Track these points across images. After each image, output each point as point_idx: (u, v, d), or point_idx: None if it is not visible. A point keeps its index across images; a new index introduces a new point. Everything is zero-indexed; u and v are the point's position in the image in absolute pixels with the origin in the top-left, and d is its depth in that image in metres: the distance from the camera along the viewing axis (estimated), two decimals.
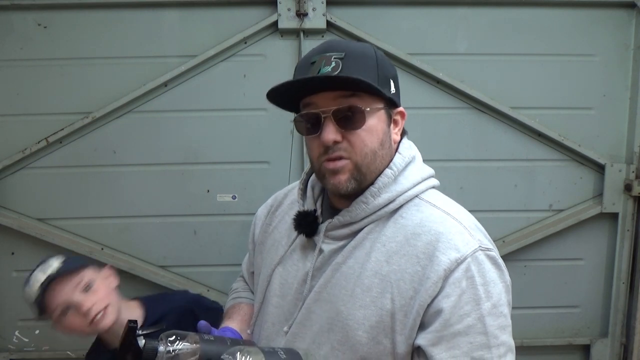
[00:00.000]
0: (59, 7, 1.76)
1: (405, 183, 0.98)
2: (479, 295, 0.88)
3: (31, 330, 1.90)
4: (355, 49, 0.93)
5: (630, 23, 1.85)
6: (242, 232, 1.88)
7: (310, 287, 1.01)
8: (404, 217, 0.97)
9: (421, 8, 1.83)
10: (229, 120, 1.84)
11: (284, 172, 1.84)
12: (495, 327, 0.89)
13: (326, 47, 0.94)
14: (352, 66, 0.90)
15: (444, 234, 0.92)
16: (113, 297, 1.34)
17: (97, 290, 1.31)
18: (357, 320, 0.94)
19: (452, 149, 1.88)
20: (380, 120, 0.95)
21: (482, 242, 0.93)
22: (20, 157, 1.80)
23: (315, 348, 0.98)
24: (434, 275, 0.89)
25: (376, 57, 0.94)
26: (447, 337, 0.88)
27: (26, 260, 1.86)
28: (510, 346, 0.91)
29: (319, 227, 1.02)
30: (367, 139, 0.92)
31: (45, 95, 1.80)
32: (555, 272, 1.96)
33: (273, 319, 1.07)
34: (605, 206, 1.91)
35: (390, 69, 0.99)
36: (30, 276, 1.29)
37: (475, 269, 0.89)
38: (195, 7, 1.79)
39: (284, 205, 1.19)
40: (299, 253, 1.06)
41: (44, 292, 1.26)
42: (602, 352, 1.99)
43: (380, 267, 0.94)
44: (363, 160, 0.93)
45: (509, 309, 0.93)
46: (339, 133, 0.91)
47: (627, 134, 1.91)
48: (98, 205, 1.85)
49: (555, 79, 1.87)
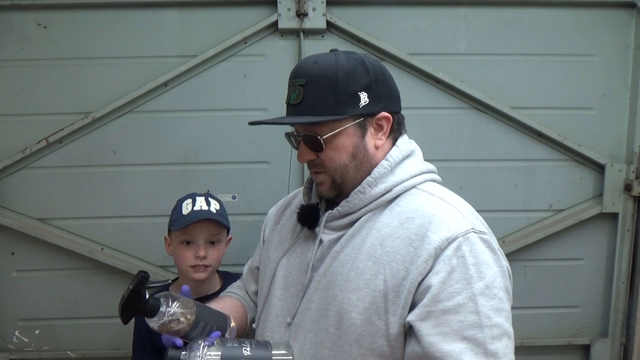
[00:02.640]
0: (59, 7, 1.76)
1: (402, 174, 1.02)
2: (470, 274, 0.89)
3: (31, 330, 1.91)
4: (315, 73, 0.99)
5: (630, 23, 1.85)
6: (242, 232, 1.88)
7: (311, 277, 1.04)
8: (400, 205, 1.00)
9: (421, 8, 1.83)
10: (229, 120, 1.84)
11: (284, 172, 1.85)
12: (488, 308, 0.89)
13: (295, 72, 1.03)
14: (310, 94, 0.98)
15: (437, 215, 0.95)
16: (218, 263, 1.57)
17: (219, 250, 1.55)
18: (351, 303, 0.96)
19: (452, 148, 1.88)
20: (348, 136, 1.00)
21: (476, 225, 0.95)
22: (20, 157, 1.79)
23: (312, 336, 1.01)
24: (425, 253, 0.91)
25: (335, 77, 0.97)
26: (435, 313, 0.89)
27: (26, 260, 1.87)
28: (506, 330, 0.90)
29: (320, 219, 1.07)
30: (334, 157, 1.01)
31: (45, 95, 1.80)
32: (555, 272, 1.96)
33: (277, 311, 1.10)
34: (605, 206, 1.91)
35: (362, 79, 0.99)
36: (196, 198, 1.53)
37: (467, 249, 0.91)
38: (195, 7, 1.79)
39: (293, 204, 1.24)
40: (302, 246, 1.11)
41: (192, 223, 1.46)
42: (602, 352, 1.99)
43: (374, 251, 0.97)
44: (335, 173, 1.03)
45: (506, 295, 0.93)
46: (312, 153, 1.03)
47: (627, 134, 1.90)
48: (98, 205, 1.85)
49: (555, 79, 1.87)
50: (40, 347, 1.91)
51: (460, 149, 1.88)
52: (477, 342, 0.87)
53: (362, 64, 1.00)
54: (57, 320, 1.90)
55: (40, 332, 1.91)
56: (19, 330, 1.90)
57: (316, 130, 0.99)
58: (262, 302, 1.16)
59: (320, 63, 1.00)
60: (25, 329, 1.91)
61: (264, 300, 1.15)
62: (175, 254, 1.55)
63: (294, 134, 1.06)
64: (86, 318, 1.90)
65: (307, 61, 1.02)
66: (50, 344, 1.92)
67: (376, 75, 1.01)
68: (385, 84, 1.03)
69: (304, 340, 1.02)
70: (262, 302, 1.16)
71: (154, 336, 1.46)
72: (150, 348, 1.52)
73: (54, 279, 1.88)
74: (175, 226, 1.49)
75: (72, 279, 1.87)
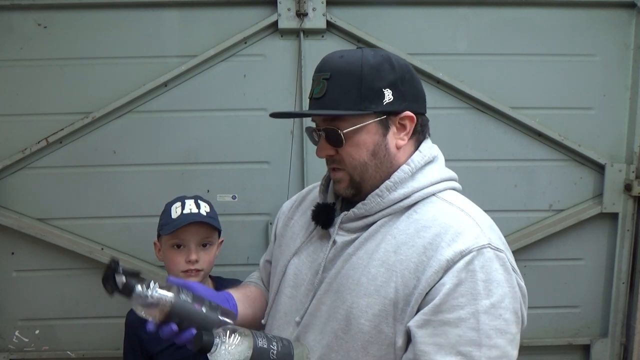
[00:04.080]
0: (59, 7, 1.76)
1: (422, 180, 1.00)
2: (478, 291, 0.87)
3: (31, 330, 1.91)
4: (341, 67, 0.97)
5: (630, 23, 1.85)
6: (242, 232, 1.88)
7: (322, 278, 1.03)
8: (418, 212, 0.98)
9: (421, 8, 1.82)
10: (229, 120, 1.84)
11: (284, 172, 1.85)
12: (490, 327, 0.86)
13: (321, 65, 1.01)
14: (333, 88, 0.96)
15: (454, 227, 0.92)
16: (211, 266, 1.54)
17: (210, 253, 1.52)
18: (360, 308, 0.95)
19: (451, 149, 1.85)
20: (370, 134, 0.98)
21: (492, 241, 0.92)
22: (20, 157, 1.79)
23: (320, 338, 1.00)
24: (437, 264, 0.89)
25: (361, 72, 0.95)
26: (434, 322, 0.87)
27: (26, 260, 1.87)
28: (507, 353, 0.88)
29: (335, 220, 1.05)
30: (354, 154, 0.99)
31: (45, 95, 1.80)
32: (555, 272, 1.96)
33: (285, 309, 1.09)
34: (605, 206, 1.91)
35: (388, 77, 0.97)
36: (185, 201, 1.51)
37: (479, 264, 0.88)
38: (195, 7, 1.79)
39: (307, 200, 1.22)
40: (315, 245, 1.09)
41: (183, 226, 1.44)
42: (602, 352, 1.99)
43: (387, 257, 0.95)
44: (354, 171, 1.00)
45: (513, 317, 0.90)
46: (331, 149, 1.00)
47: (627, 134, 1.90)
48: (98, 205, 1.85)
49: (555, 79, 1.87)
50: (40, 347, 1.91)
51: (460, 149, 1.88)
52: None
53: (388, 60, 0.98)
54: (57, 320, 1.90)
55: (40, 332, 1.91)
56: (19, 330, 1.90)
57: (337, 125, 0.97)
58: (272, 299, 1.15)
59: (346, 57, 0.98)
60: (25, 329, 1.91)
61: (274, 297, 1.14)
62: (165, 259, 1.52)
63: (315, 128, 1.04)
64: (86, 318, 1.90)
65: (333, 55, 1.00)
66: (50, 344, 1.92)
67: (402, 74, 0.99)
68: (412, 84, 1.01)
69: (314, 341, 1.01)
70: (272, 299, 1.15)
71: (145, 343, 1.47)
72: (140, 355, 1.50)
73: (54, 279, 1.88)
74: (165, 230, 1.47)
75: (72, 279, 1.87)
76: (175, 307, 0.90)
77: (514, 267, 0.94)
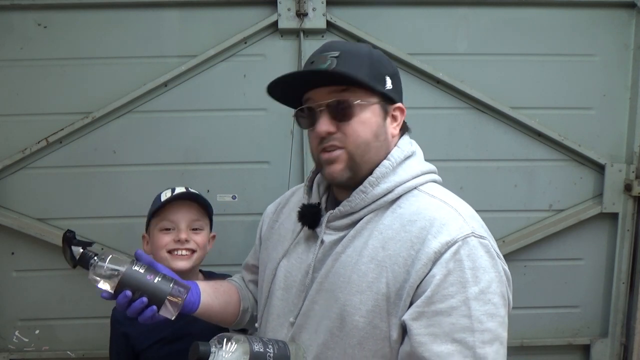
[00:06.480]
0: (59, 7, 1.76)
1: (403, 175, 1.02)
2: (466, 279, 0.89)
3: (31, 330, 1.91)
4: (350, 49, 1.01)
5: (630, 23, 1.85)
6: (242, 232, 1.88)
7: (313, 278, 1.04)
8: (402, 207, 1.00)
9: (421, 8, 1.83)
10: (229, 120, 1.84)
11: (284, 172, 1.85)
12: (481, 313, 0.89)
13: (325, 48, 1.02)
14: (345, 63, 0.96)
15: (438, 219, 0.95)
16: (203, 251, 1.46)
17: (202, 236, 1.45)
18: (354, 306, 0.96)
19: (452, 148, 1.88)
20: (374, 114, 1.00)
21: (476, 229, 0.95)
22: (20, 157, 1.79)
23: (315, 337, 1.01)
24: (425, 257, 0.91)
25: (370, 55, 1.01)
26: (428, 314, 0.89)
27: (26, 260, 1.87)
28: (498, 336, 0.91)
29: (321, 219, 1.06)
30: (360, 130, 0.98)
31: (45, 95, 1.80)
32: (555, 272, 1.96)
33: (278, 312, 1.10)
34: (605, 206, 1.91)
35: (388, 67, 1.04)
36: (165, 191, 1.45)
37: (465, 253, 0.91)
38: (195, 7, 1.79)
39: (291, 202, 1.23)
40: (302, 246, 1.10)
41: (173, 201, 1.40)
42: (602, 352, 1.99)
43: (376, 253, 0.97)
44: (356, 150, 0.99)
45: (501, 301, 0.93)
46: (332, 125, 0.98)
47: (627, 134, 1.90)
48: (98, 205, 1.85)
49: (555, 79, 1.87)
50: (40, 347, 1.91)
51: (460, 149, 1.88)
52: (467, 346, 0.87)
53: (386, 57, 1.06)
54: (57, 320, 1.90)
55: (40, 332, 1.91)
56: (19, 330, 1.90)
57: (348, 96, 0.97)
58: (264, 302, 1.16)
59: (352, 43, 1.04)
60: (25, 329, 1.91)
61: (265, 300, 1.15)
62: (153, 245, 1.44)
63: (313, 106, 1.00)
64: (86, 318, 1.89)
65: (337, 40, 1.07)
66: (50, 344, 1.92)
67: (395, 71, 1.06)
68: (400, 81, 1.08)
69: (309, 340, 1.02)
70: (264, 302, 1.16)
71: (131, 340, 1.45)
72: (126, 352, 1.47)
73: (54, 279, 1.88)
74: (153, 207, 1.43)
75: (72, 279, 1.87)
76: (125, 275, 0.96)
77: (498, 252, 0.97)
